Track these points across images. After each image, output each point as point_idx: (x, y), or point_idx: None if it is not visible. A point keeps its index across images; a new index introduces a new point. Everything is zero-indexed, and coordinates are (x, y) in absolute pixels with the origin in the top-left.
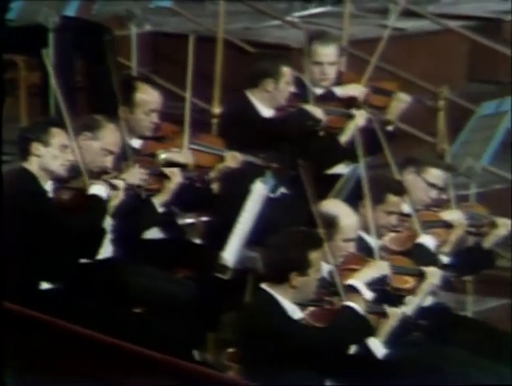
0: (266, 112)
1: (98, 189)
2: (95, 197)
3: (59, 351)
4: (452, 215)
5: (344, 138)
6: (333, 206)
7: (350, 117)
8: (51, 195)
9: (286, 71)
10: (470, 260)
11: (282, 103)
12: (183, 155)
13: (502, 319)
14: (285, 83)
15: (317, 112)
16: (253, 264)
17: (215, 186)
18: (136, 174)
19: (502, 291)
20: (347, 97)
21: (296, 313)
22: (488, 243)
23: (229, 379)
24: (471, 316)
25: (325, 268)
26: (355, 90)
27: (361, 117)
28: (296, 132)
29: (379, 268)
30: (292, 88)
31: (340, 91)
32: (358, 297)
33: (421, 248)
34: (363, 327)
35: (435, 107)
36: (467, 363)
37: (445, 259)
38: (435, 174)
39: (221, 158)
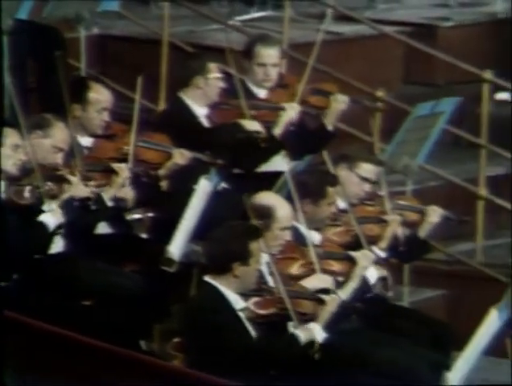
0: (200, 110)
1: (47, 217)
2: (42, 225)
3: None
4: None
5: (277, 131)
6: (268, 198)
7: (281, 110)
8: (3, 194)
9: (213, 67)
10: (407, 249)
11: (214, 99)
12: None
13: (437, 309)
14: (214, 78)
15: (253, 125)
16: (197, 258)
17: (164, 183)
18: (80, 189)
19: (437, 282)
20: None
21: (239, 303)
22: (423, 231)
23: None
24: (407, 306)
25: (265, 258)
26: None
27: (291, 110)
28: (231, 144)
29: (322, 280)
30: (222, 84)
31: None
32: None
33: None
34: None
35: (372, 108)
36: (403, 350)
37: (382, 253)
38: (367, 169)
39: (169, 156)
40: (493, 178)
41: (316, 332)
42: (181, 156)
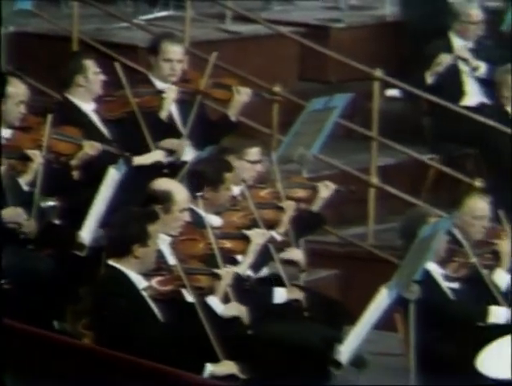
0: (87, 106)
1: None
2: None
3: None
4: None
5: (164, 113)
6: (167, 183)
7: (162, 93)
8: None
9: (90, 63)
10: (303, 224)
11: (98, 93)
12: None
13: (330, 288)
14: (93, 74)
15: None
16: (104, 242)
17: (75, 173)
18: (17, 215)
19: (330, 263)
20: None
21: (142, 282)
22: (316, 206)
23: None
24: (302, 285)
25: (166, 239)
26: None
27: (172, 92)
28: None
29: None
30: (102, 77)
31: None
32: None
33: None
34: None
35: (271, 100)
36: (300, 326)
37: (279, 237)
38: (253, 152)
39: (80, 147)
40: (383, 167)
41: (214, 304)
42: (91, 147)
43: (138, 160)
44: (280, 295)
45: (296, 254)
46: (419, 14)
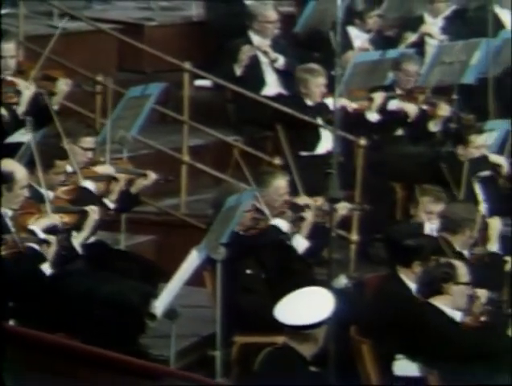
0: None
1: None
2: None
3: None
4: (105, 169)
5: (22, 108)
6: (9, 164)
7: (19, 92)
8: None
9: None
10: (124, 203)
11: None
12: None
13: (148, 251)
14: None
15: None
16: None
17: None
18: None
19: (148, 230)
20: None
21: None
22: (135, 189)
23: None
24: (124, 249)
25: (8, 212)
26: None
27: (27, 90)
28: None
29: (52, 218)
30: None
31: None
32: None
33: (83, 192)
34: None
35: (93, 91)
36: (121, 285)
37: (111, 205)
38: (87, 140)
39: None
40: (193, 147)
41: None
42: None
43: None
44: None
45: None
46: (221, 15)
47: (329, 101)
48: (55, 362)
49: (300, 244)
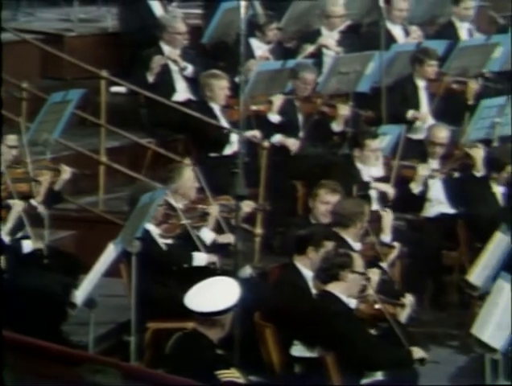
0: None
1: None
2: None
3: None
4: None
5: None
6: None
7: None
8: None
9: None
10: (48, 200)
11: None
12: None
13: (69, 245)
14: None
15: None
16: None
17: None
18: None
19: (69, 225)
20: None
21: None
22: (57, 186)
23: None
24: (47, 244)
25: None
26: None
27: None
28: None
29: None
30: None
31: None
32: None
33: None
34: None
35: (18, 97)
36: (42, 276)
37: (38, 205)
38: (11, 138)
39: None
40: (110, 149)
41: None
42: None
43: None
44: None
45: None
46: (135, 26)
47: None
48: None
49: (207, 236)
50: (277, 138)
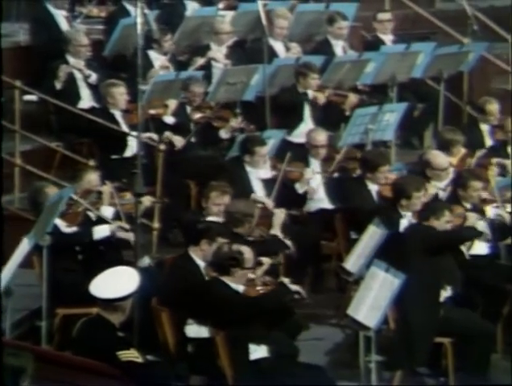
0: None
1: None
2: None
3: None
4: None
5: None
6: None
7: None
8: None
9: None
10: None
11: None
12: None
13: None
14: None
15: None
16: None
17: None
18: None
19: None
20: None
21: None
22: None
23: None
24: None
25: None
26: None
27: None
28: None
29: None
30: None
31: None
32: None
33: None
34: None
35: None
36: None
37: None
38: None
39: None
40: (23, 152)
41: None
42: None
43: None
44: None
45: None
46: (44, 40)
47: None
48: None
49: (107, 212)
50: (165, 134)
